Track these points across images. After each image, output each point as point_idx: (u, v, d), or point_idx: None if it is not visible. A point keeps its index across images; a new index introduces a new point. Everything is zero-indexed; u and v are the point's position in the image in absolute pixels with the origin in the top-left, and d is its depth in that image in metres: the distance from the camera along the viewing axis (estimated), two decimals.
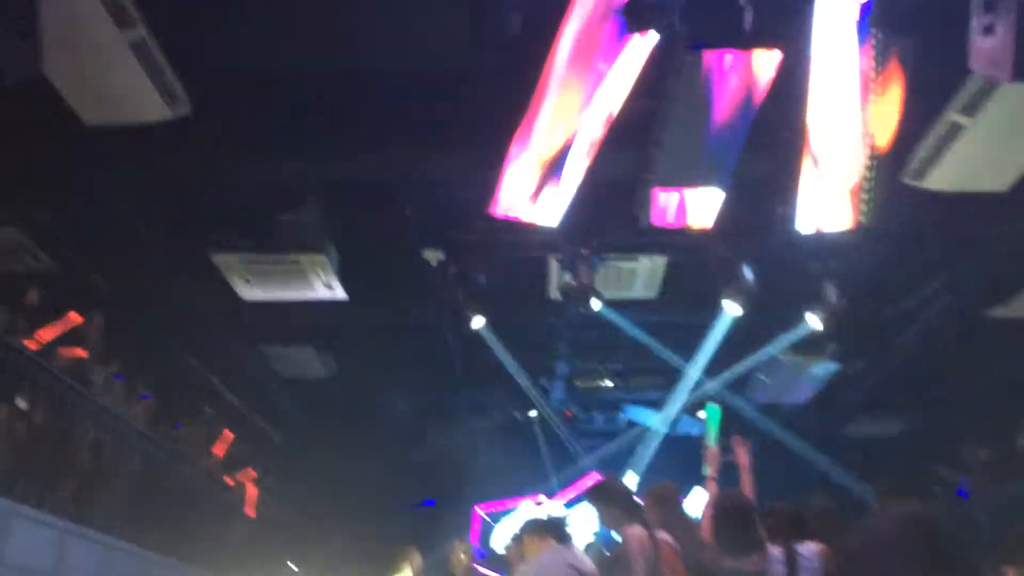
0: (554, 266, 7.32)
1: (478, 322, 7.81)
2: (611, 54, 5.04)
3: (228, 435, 9.77)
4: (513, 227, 6.23)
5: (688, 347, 9.64)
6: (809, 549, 4.42)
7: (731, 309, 7.55)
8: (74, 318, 7.32)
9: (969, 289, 7.84)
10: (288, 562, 9.93)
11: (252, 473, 10.08)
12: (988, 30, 4.48)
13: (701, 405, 10.14)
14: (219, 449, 9.62)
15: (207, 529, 8.76)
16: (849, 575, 4.16)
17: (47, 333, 6.98)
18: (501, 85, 5.34)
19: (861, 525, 4.46)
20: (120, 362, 7.89)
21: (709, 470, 5.25)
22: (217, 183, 6.39)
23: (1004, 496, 8.62)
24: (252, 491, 10.06)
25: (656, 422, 11.29)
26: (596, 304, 7.18)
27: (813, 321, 7.64)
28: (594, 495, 5.22)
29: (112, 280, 7.65)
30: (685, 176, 5.81)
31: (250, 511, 9.81)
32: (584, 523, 10.23)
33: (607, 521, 5.14)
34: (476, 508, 12.30)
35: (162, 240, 7.09)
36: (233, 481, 9.87)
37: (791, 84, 5.29)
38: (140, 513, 7.50)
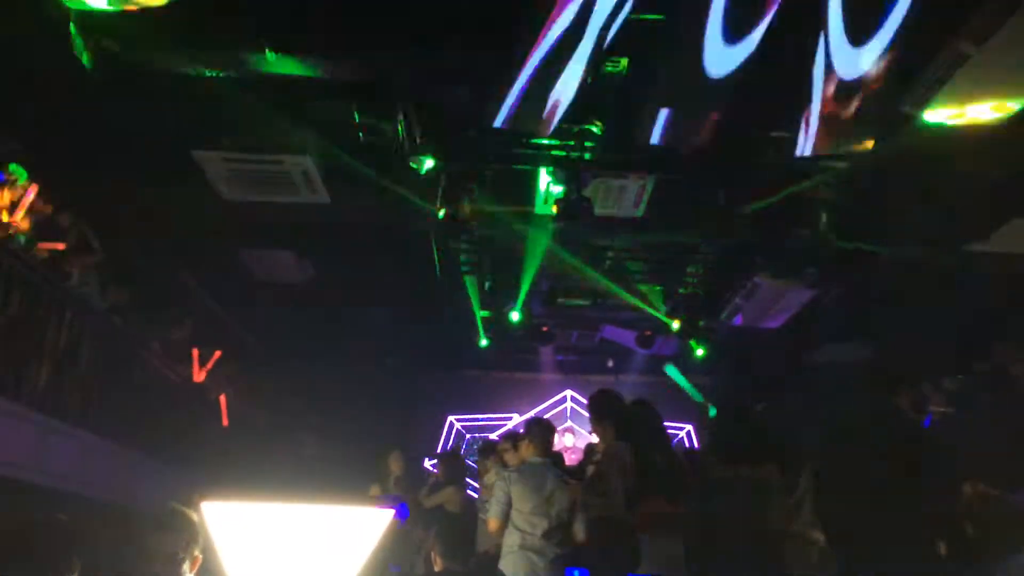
0: (545, 178, 7.22)
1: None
2: None
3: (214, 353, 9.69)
4: (508, 136, 6.09)
5: (669, 268, 9.70)
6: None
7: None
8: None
9: (951, 222, 7.90)
10: None
11: (227, 369, 10.01)
12: None
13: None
14: (197, 355, 9.53)
15: (182, 432, 8.73)
16: None
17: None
18: None
19: None
20: (97, 258, 7.73)
21: None
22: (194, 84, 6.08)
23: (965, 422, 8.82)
24: (224, 398, 10.03)
25: (632, 343, 11.44)
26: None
27: (798, 246, 7.70)
28: (592, 407, 5.26)
29: (88, 179, 7.43)
30: (689, 97, 5.69)
31: (224, 419, 9.79)
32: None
33: (596, 433, 5.21)
34: (451, 418, 12.49)
35: (142, 138, 6.83)
36: (204, 375, 9.80)
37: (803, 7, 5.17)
38: (115, 413, 7.44)
